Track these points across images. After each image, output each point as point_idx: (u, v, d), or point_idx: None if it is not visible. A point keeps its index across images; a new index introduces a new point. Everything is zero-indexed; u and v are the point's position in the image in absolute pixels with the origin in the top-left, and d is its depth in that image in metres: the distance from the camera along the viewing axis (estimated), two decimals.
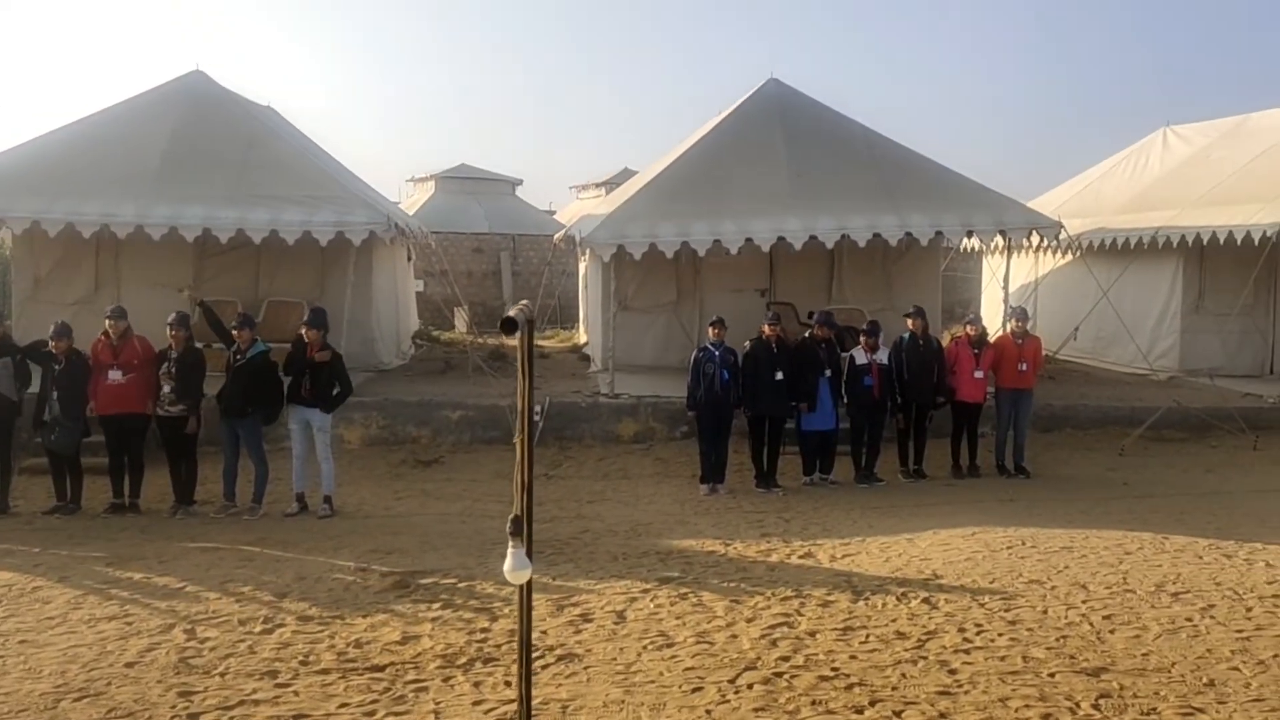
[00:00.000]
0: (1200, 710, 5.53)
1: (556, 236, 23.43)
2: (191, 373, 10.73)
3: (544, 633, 6.75)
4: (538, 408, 13.87)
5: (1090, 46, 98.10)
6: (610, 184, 35.51)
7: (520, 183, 36.41)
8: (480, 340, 19.55)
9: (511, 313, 3.90)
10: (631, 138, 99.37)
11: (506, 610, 7.17)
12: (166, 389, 10.70)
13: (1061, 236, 15.77)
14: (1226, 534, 9.55)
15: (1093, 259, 18.39)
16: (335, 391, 10.97)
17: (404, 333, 20.56)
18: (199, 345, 11.37)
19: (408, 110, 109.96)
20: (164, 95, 16.43)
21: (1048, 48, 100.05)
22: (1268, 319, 17.04)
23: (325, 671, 6.17)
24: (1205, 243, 16.51)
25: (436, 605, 7.39)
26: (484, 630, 6.80)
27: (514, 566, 4.06)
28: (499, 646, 6.50)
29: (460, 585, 7.84)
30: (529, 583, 4.25)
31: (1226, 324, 16.94)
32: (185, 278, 16.22)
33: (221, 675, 6.11)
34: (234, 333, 10.89)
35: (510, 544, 4.06)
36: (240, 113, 16.68)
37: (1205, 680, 5.93)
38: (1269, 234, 15.15)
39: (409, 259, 21.74)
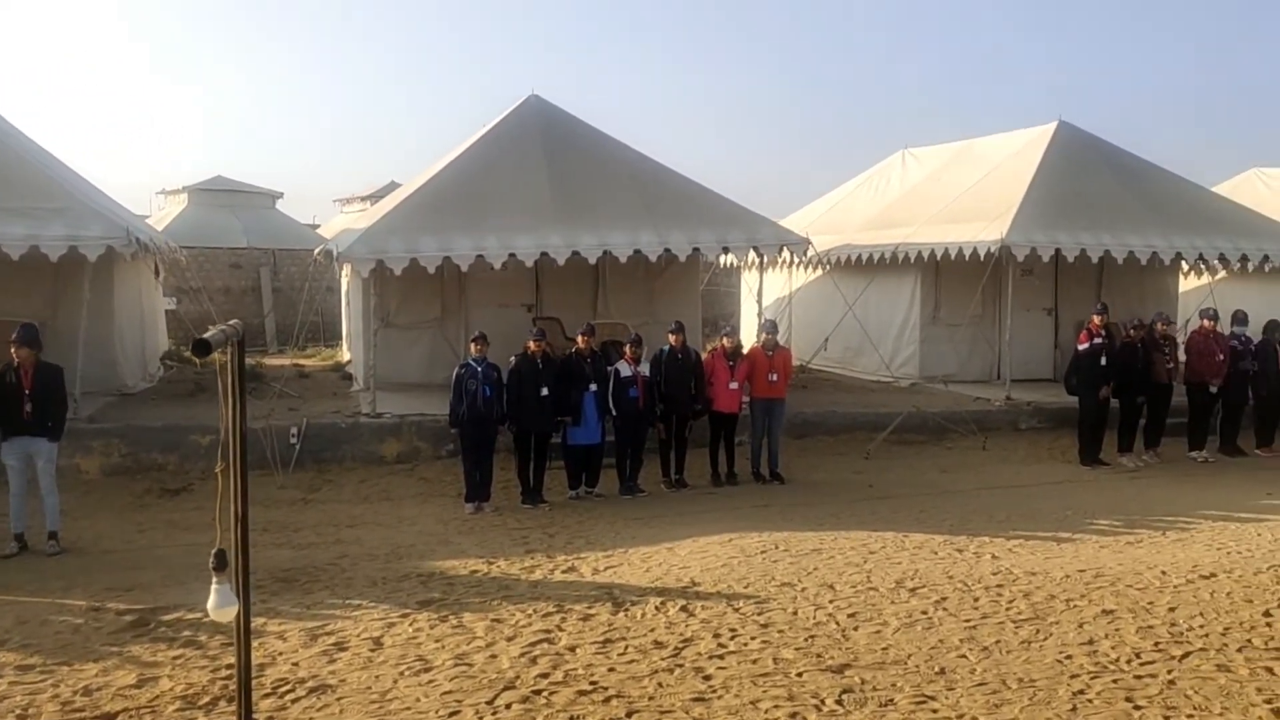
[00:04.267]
0: (932, 698, 5.88)
1: (316, 251, 22.72)
2: None
3: (295, 665, 6.50)
4: (294, 429, 13.38)
5: (836, 72, 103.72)
6: (375, 197, 34.76)
7: (281, 195, 35.14)
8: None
9: (207, 334, 3.70)
10: (399, 151, 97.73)
11: (255, 643, 6.84)
12: None
13: (810, 253, 16.54)
14: (959, 530, 10.27)
15: (840, 274, 19.40)
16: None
17: (151, 354, 19.38)
18: None
19: (159, 119, 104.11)
20: None
21: (798, 75, 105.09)
22: (994, 328, 18.42)
23: None
24: (939, 258, 17.71)
25: (178, 643, 6.99)
26: (230, 666, 6.46)
27: (218, 604, 3.89)
28: None
29: (205, 620, 7.39)
30: (246, 619, 4.07)
31: (959, 333, 18.23)
32: None
33: None
34: None
35: (214, 580, 3.88)
36: None
37: (937, 669, 6.31)
38: (992, 250, 16.40)
39: (157, 275, 20.54)
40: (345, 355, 21.44)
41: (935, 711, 5.68)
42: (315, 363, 21.77)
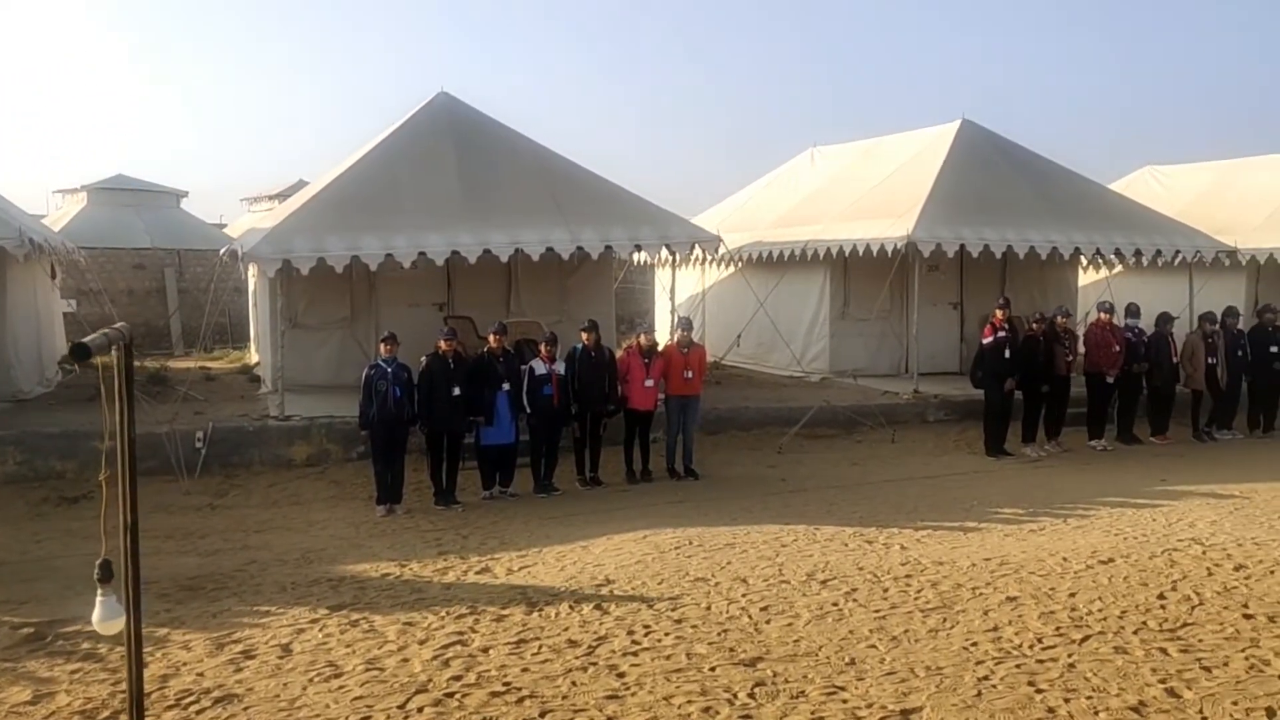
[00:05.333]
0: (842, 689, 5.97)
1: (222, 251, 22.22)
2: None
3: (200, 675, 6.34)
4: (199, 433, 13.06)
5: (745, 72, 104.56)
6: (283, 195, 34.12)
7: (186, 194, 34.29)
8: (139, 363, 18.14)
9: (88, 338, 3.59)
10: (308, 149, 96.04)
11: (159, 654, 6.69)
12: None
13: (721, 250, 16.66)
14: (869, 521, 10.44)
15: (751, 271, 19.57)
16: None
17: (48, 358, 18.73)
18: None
19: (52, 116, 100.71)
20: None
21: (707, 74, 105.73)
22: (901, 323, 18.77)
23: None
24: (848, 254, 17.98)
25: (77, 657, 6.77)
26: None
27: (103, 616, 3.77)
28: (148, 695, 6.03)
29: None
30: (137, 631, 3.95)
31: (867, 328, 18.52)
32: None
33: None
34: None
35: (99, 591, 3.76)
36: None
37: (847, 660, 6.41)
38: (899, 246, 16.72)
39: (53, 277, 19.88)
40: (253, 357, 21.02)
41: (845, 702, 5.77)
42: (222, 365, 21.28)
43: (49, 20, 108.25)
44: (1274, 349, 16.08)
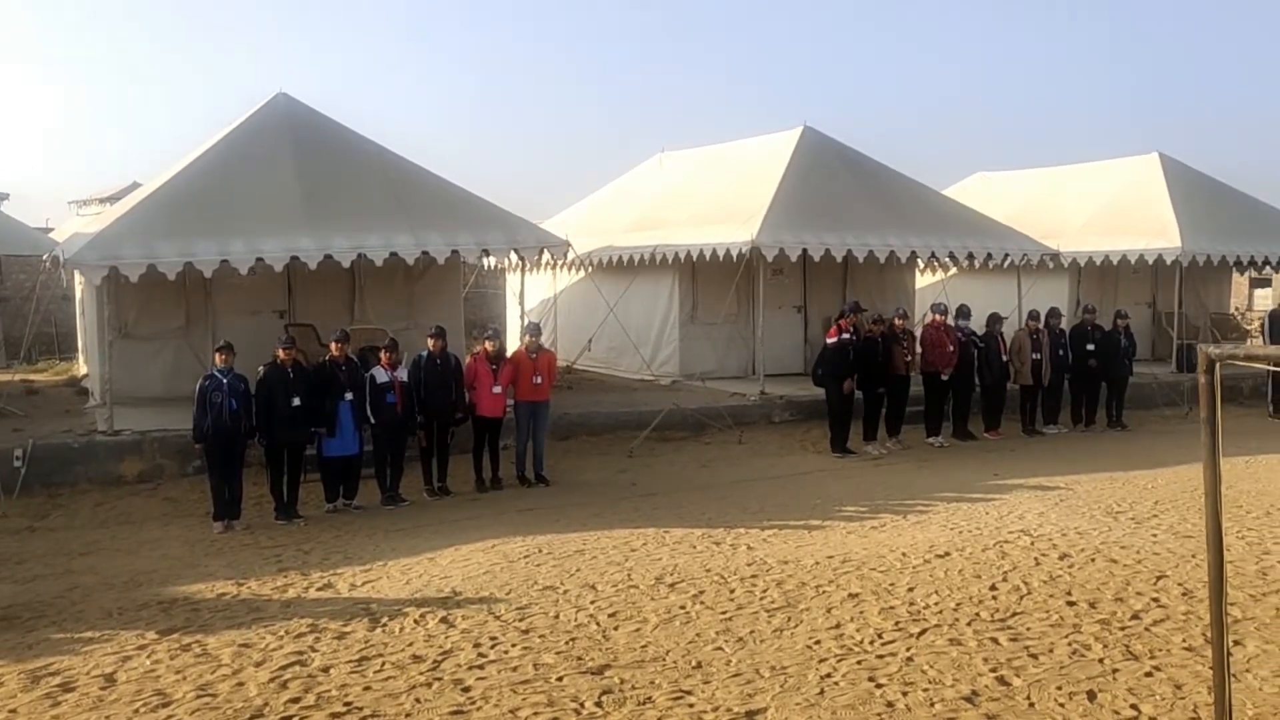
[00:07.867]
0: (689, 692, 6.00)
1: (45, 257, 21.03)
2: None
3: (12, 712, 5.95)
4: (17, 451, 12.32)
5: (593, 76, 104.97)
6: (115, 198, 32.52)
7: (6, 197, 32.42)
8: None
9: None
10: (144, 150, 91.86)
11: None
12: None
13: (570, 255, 16.61)
14: (717, 523, 10.55)
15: (601, 276, 19.60)
16: None
17: None
18: None
19: None
20: None
21: (557, 79, 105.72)
22: (748, 326, 19.08)
23: None
24: (695, 259, 18.18)
25: None
26: None
27: None
28: None
29: None
30: None
31: (715, 332, 18.77)
32: None
33: None
34: None
35: None
36: None
37: (694, 663, 6.45)
38: (744, 251, 16.99)
39: None
40: (82, 369, 19.97)
41: (692, 706, 5.80)
42: (47, 377, 20.18)
43: None
44: (1090, 347, 17.00)
